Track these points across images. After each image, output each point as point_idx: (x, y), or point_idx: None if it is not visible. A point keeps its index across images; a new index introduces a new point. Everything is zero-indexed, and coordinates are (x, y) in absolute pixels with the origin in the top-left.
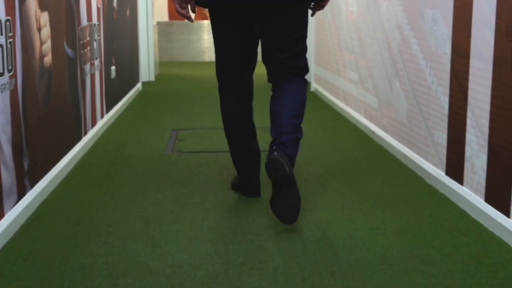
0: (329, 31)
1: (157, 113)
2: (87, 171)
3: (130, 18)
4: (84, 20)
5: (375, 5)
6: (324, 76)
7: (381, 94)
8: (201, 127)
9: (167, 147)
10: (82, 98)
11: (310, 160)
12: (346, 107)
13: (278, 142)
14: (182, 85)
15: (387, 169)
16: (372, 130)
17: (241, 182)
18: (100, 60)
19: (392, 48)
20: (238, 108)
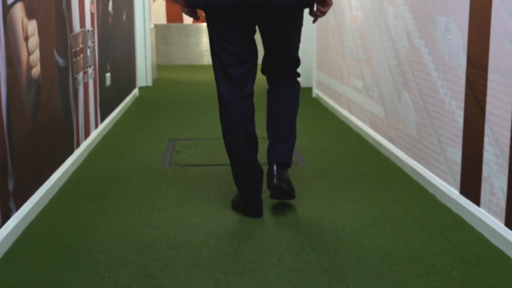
0: (332, 36)
1: (154, 121)
2: (79, 187)
3: (126, 22)
4: (76, 27)
5: (382, 11)
6: (326, 83)
7: (388, 104)
8: (200, 137)
9: (164, 160)
10: (74, 109)
11: (314, 174)
12: (350, 116)
13: (277, 155)
14: (180, 90)
15: (396, 184)
16: (378, 141)
17: (242, 202)
18: (94, 67)
19: (400, 57)
20: (239, 119)
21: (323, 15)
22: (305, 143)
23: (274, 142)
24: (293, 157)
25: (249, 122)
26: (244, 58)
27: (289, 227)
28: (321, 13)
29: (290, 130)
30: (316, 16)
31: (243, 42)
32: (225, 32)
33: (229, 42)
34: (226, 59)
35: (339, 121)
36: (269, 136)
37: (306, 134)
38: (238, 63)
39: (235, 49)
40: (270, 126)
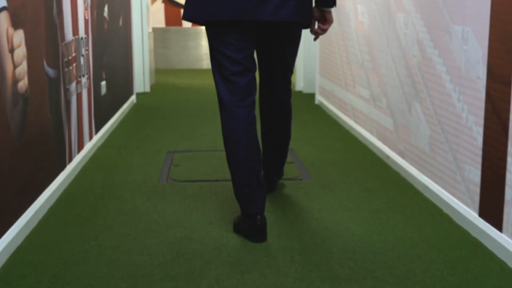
0: (336, 42)
1: (151, 130)
2: (70, 207)
3: (123, 27)
4: (69, 35)
5: (390, 17)
6: (330, 89)
7: (398, 116)
8: (199, 149)
9: (161, 175)
10: (66, 122)
11: (320, 191)
12: (356, 125)
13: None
14: (179, 96)
15: (408, 203)
16: (387, 153)
17: (245, 222)
18: (89, 76)
19: (411, 66)
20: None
21: (324, 32)
22: (309, 155)
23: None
24: (298, 172)
25: (252, 130)
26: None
27: (296, 254)
28: (322, 30)
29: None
30: (317, 34)
31: (242, 54)
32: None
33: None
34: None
35: (344, 131)
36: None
37: (310, 146)
38: (241, 72)
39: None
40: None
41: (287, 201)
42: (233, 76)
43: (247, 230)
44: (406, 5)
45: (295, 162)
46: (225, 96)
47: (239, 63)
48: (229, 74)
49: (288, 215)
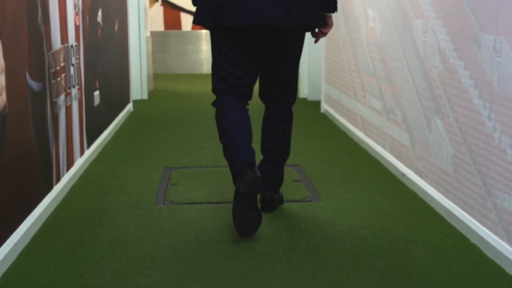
0: (344, 48)
1: (148, 143)
2: (55, 236)
3: (119, 32)
4: (56, 43)
5: (406, 24)
6: (337, 98)
7: (415, 131)
8: (198, 165)
9: (158, 196)
10: (53, 139)
11: (332, 216)
12: (366, 138)
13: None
14: (178, 103)
15: (430, 231)
16: (402, 171)
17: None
18: (80, 87)
19: (431, 78)
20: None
21: (325, 35)
22: (318, 172)
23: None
24: (307, 192)
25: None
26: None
27: None
28: (322, 34)
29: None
30: (318, 37)
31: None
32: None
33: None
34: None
35: (353, 143)
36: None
37: (318, 161)
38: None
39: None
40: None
41: (295, 228)
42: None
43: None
44: (425, 11)
45: (302, 180)
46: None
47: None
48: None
49: (297, 245)
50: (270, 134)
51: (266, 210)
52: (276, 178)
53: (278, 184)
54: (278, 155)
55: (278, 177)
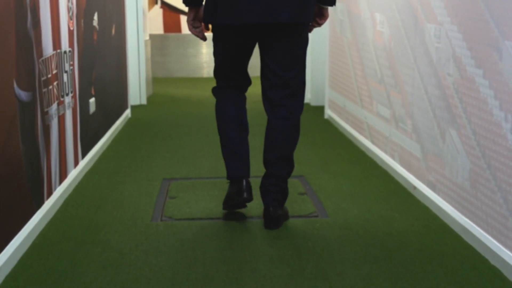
0: (349, 53)
1: (146, 152)
2: (45, 257)
3: (116, 36)
4: (48, 49)
5: (417, 28)
6: (341, 104)
7: (427, 142)
8: (198, 176)
9: (155, 211)
10: (44, 151)
11: (340, 234)
12: (373, 147)
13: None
14: (178, 109)
15: (447, 251)
16: (413, 183)
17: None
18: (74, 94)
19: (445, 86)
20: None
21: (320, 26)
22: (324, 184)
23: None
24: (313, 207)
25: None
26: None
27: None
28: (318, 24)
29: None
30: (312, 27)
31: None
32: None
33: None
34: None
35: (359, 152)
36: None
37: (323, 171)
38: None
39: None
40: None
41: (302, 247)
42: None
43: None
44: (438, 15)
45: (307, 193)
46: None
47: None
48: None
49: (305, 267)
50: (271, 145)
51: (270, 227)
52: (280, 193)
53: (283, 199)
54: (281, 168)
55: (283, 191)
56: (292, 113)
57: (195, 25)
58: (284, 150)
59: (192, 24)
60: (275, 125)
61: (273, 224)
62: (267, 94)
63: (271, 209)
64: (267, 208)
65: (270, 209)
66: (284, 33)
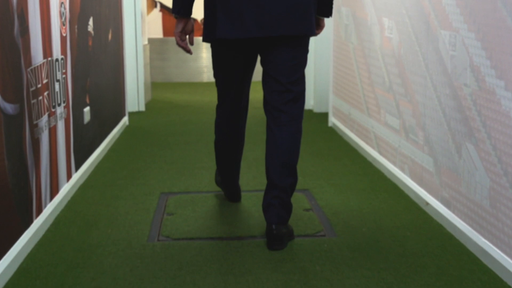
0: (355, 59)
1: (143, 163)
2: (32, 283)
3: (113, 41)
4: (37, 58)
5: (430, 35)
6: (346, 112)
7: (440, 156)
8: (198, 189)
9: (152, 230)
10: (33, 166)
11: (350, 256)
12: (380, 158)
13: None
14: (177, 116)
15: (465, 275)
16: (425, 199)
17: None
18: (66, 104)
19: (461, 97)
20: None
21: (316, 35)
22: (331, 199)
23: (269, 200)
24: (320, 225)
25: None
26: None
27: None
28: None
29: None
30: None
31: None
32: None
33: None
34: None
35: (366, 163)
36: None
37: (329, 185)
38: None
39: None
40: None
41: (309, 271)
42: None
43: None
44: (453, 21)
45: (313, 209)
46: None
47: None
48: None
49: None
50: (273, 152)
51: (274, 247)
52: (284, 208)
53: (287, 216)
54: (284, 178)
55: (286, 206)
56: (293, 119)
57: (182, 38)
58: (286, 157)
59: (180, 36)
60: (276, 131)
61: (277, 244)
62: (268, 100)
63: (274, 227)
64: (270, 226)
65: (273, 227)
66: (286, 44)
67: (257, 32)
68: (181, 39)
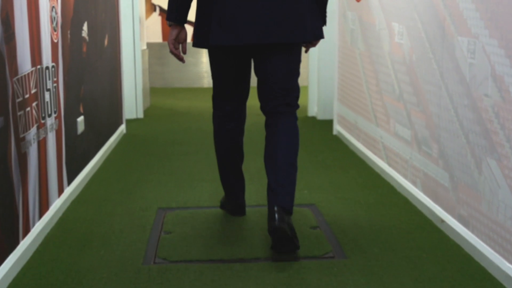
0: (362, 65)
1: (140, 174)
2: None
3: (109, 47)
4: (25, 66)
5: (445, 41)
6: (352, 120)
7: (457, 171)
8: (198, 204)
9: (148, 250)
10: (19, 183)
11: (364, 284)
12: (390, 169)
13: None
14: (176, 123)
15: None
16: (440, 216)
17: (228, 202)
18: (58, 115)
19: (482, 109)
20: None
21: (315, 46)
22: (339, 215)
23: (273, 186)
24: (328, 245)
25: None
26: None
27: None
28: (312, 45)
29: (289, 172)
30: (307, 46)
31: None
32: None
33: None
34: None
35: (374, 175)
36: (268, 178)
37: (337, 199)
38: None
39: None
40: (268, 167)
41: None
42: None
43: (230, 208)
44: (472, 27)
45: (320, 227)
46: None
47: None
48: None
49: None
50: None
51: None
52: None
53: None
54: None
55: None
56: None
57: (175, 46)
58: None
59: (173, 44)
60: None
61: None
62: (262, 104)
63: (277, 216)
64: (272, 216)
65: (276, 216)
66: (280, 51)
67: (251, 39)
68: (174, 47)
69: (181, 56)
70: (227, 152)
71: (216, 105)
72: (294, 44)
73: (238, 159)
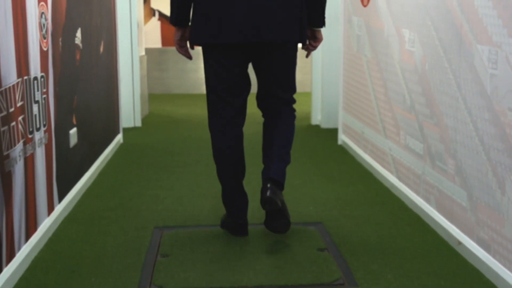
0: (369, 73)
1: (137, 188)
2: None
3: (105, 54)
4: (9, 77)
5: (463, 50)
6: (359, 131)
7: (477, 189)
8: (197, 223)
9: (142, 277)
10: (2, 205)
11: None
12: (400, 184)
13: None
14: (175, 132)
15: None
16: (457, 237)
17: (229, 221)
18: (48, 128)
19: (505, 124)
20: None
21: (315, 49)
22: (347, 235)
23: (267, 163)
24: (338, 273)
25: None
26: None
27: None
28: (312, 47)
29: (283, 154)
30: (308, 50)
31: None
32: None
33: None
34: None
35: (383, 189)
36: (263, 161)
37: (344, 216)
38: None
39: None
40: (264, 155)
41: None
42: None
43: (231, 227)
44: (494, 35)
45: (328, 249)
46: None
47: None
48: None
49: None
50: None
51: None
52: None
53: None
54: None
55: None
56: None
57: (181, 44)
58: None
59: (179, 44)
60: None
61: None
62: (260, 103)
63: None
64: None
65: (268, 186)
66: (275, 51)
67: (244, 37)
68: (180, 46)
69: (188, 53)
70: (230, 165)
71: (213, 112)
72: (289, 45)
73: (241, 173)
